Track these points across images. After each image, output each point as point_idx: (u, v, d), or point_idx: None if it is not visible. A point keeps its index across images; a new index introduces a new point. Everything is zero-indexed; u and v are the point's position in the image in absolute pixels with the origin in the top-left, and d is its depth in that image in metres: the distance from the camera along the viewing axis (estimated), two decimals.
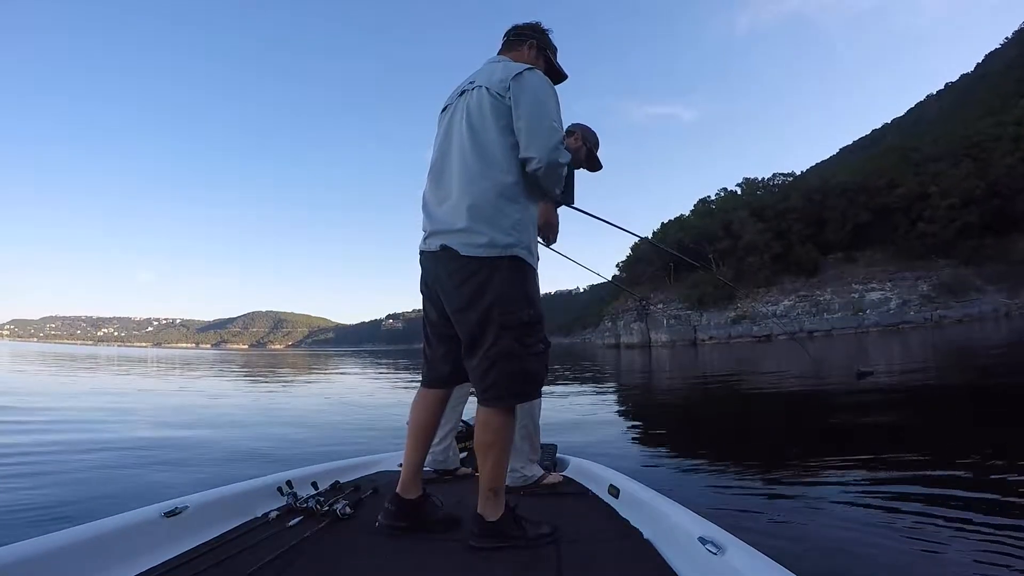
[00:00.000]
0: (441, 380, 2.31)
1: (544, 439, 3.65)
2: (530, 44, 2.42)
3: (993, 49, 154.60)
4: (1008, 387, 9.77)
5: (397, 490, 2.24)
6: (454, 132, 2.21)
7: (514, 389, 2.03)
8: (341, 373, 28.58)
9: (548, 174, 2.07)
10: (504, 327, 1.99)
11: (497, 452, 2.05)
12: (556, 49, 2.53)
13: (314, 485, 2.74)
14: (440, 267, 2.12)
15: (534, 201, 2.20)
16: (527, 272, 2.09)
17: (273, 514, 2.37)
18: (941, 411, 7.89)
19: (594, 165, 3.34)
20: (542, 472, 3.07)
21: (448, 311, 2.14)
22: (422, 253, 2.23)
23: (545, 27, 2.50)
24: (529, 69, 2.14)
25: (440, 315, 2.22)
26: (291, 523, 2.27)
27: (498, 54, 2.44)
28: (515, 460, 2.99)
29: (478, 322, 2.02)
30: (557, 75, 2.51)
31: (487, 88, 2.13)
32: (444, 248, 2.08)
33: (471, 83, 2.24)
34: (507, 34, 2.48)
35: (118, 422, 9.14)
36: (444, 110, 2.36)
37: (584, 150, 3.23)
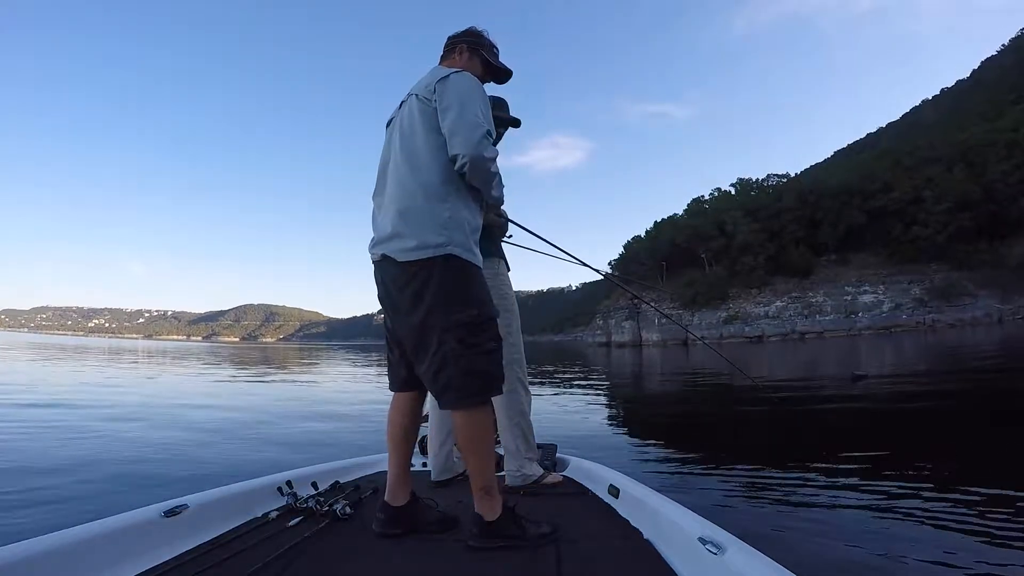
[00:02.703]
0: (403, 383, 2.29)
1: (544, 439, 3.64)
2: (460, 49, 2.45)
3: (989, 56, 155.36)
4: (1003, 392, 9.83)
5: (385, 498, 2.23)
6: (392, 143, 2.23)
7: (467, 390, 1.99)
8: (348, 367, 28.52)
9: (475, 169, 2.05)
10: (446, 329, 1.97)
11: (478, 452, 2.04)
12: (493, 47, 2.54)
13: (314, 485, 2.72)
14: (384, 275, 2.13)
15: (469, 199, 2.17)
16: (467, 270, 2.06)
17: (273, 514, 2.35)
18: (937, 416, 7.90)
19: (509, 124, 3.10)
20: (542, 471, 3.04)
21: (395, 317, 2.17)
22: (373, 264, 2.23)
23: (480, 29, 2.52)
24: (456, 72, 2.15)
25: (393, 321, 2.23)
26: (291, 523, 2.25)
27: (439, 63, 2.47)
28: (512, 460, 2.99)
29: (420, 326, 2.02)
30: (499, 72, 2.55)
31: (416, 95, 2.16)
32: (384, 257, 2.09)
33: (408, 94, 2.27)
34: (445, 45, 2.52)
35: (113, 419, 9.10)
36: (389, 124, 2.38)
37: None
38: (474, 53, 2.45)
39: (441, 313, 1.97)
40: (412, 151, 2.10)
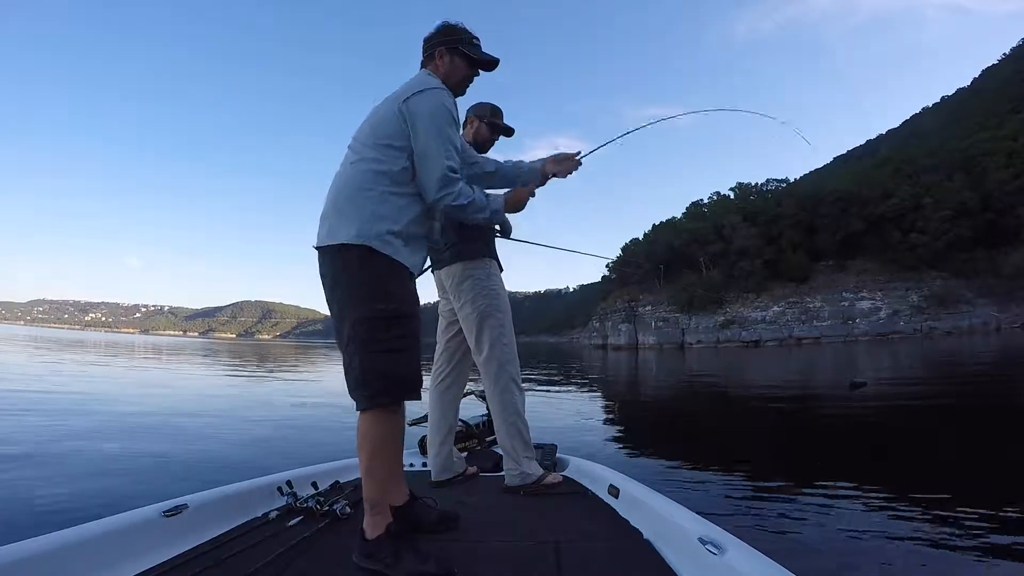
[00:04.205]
0: None
1: (544, 439, 3.63)
2: (439, 52, 2.37)
3: (990, 65, 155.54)
4: (1000, 402, 9.84)
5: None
6: (356, 134, 2.20)
7: (367, 390, 1.91)
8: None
9: (445, 212, 2.14)
10: (355, 322, 1.91)
11: (366, 460, 1.94)
12: (472, 39, 2.45)
13: (314, 485, 2.71)
14: (319, 264, 2.09)
15: (409, 201, 2.11)
16: (384, 263, 2.00)
17: (273, 514, 2.35)
18: (935, 424, 7.92)
19: (502, 132, 3.31)
20: (542, 471, 3.00)
21: None
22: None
23: (453, 23, 2.44)
24: (422, 93, 2.11)
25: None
26: (291, 523, 2.26)
27: (420, 68, 2.42)
28: (509, 460, 2.98)
29: (336, 316, 1.99)
30: (482, 64, 2.47)
31: (394, 94, 2.15)
32: (318, 247, 2.06)
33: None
34: (423, 49, 2.45)
35: (112, 418, 9.09)
36: None
37: (484, 127, 3.23)
38: (454, 52, 2.39)
39: (351, 305, 1.94)
40: (362, 147, 2.09)
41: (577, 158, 2.93)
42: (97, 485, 4.76)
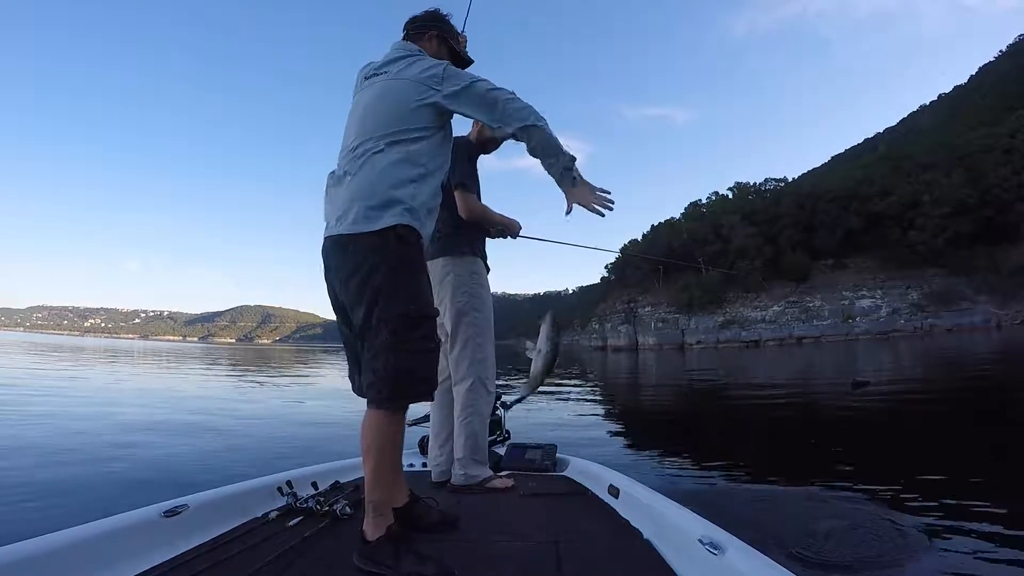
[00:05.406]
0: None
1: (544, 439, 3.64)
2: (430, 36, 2.33)
3: (987, 62, 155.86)
4: (1004, 399, 9.83)
5: None
6: (355, 117, 2.14)
7: (390, 390, 1.88)
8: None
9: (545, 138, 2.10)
10: (386, 319, 1.86)
11: (374, 460, 1.90)
12: (458, 34, 2.47)
13: (314, 485, 2.70)
14: (330, 259, 2.03)
15: (430, 172, 2.07)
16: (415, 251, 1.99)
17: (273, 514, 2.33)
18: (941, 424, 7.89)
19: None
20: (489, 474, 3.00)
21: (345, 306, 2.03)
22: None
23: (445, 13, 2.41)
24: (445, 79, 2.06)
25: (343, 320, 2.09)
26: (291, 523, 2.24)
27: (407, 40, 2.35)
28: (457, 460, 2.96)
29: (366, 311, 1.91)
30: (461, 62, 2.45)
31: (408, 79, 2.06)
32: (330, 238, 2.00)
33: (378, 72, 2.17)
34: (407, 26, 2.37)
35: (112, 419, 9.09)
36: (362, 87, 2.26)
37: (487, 128, 3.04)
38: (442, 42, 2.36)
39: (383, 301, 1.88)
40: (381, 139, 2.01)
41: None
42: (97, 485, 4.77)
